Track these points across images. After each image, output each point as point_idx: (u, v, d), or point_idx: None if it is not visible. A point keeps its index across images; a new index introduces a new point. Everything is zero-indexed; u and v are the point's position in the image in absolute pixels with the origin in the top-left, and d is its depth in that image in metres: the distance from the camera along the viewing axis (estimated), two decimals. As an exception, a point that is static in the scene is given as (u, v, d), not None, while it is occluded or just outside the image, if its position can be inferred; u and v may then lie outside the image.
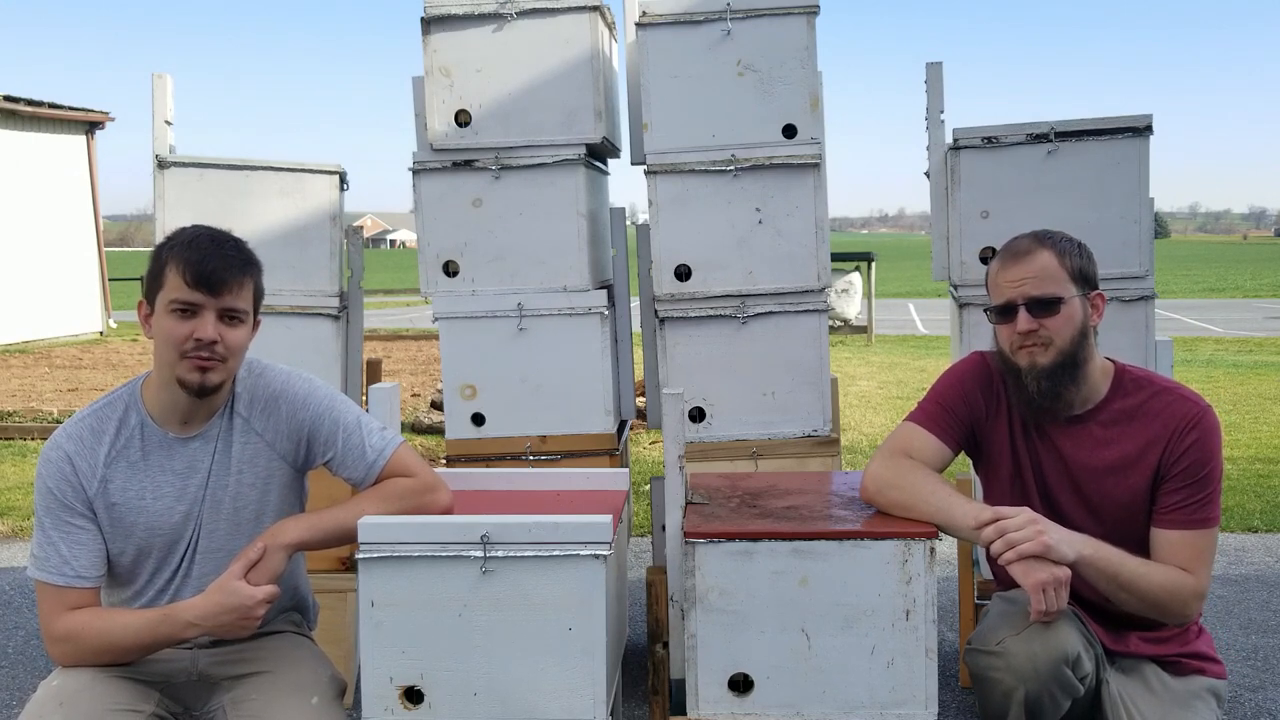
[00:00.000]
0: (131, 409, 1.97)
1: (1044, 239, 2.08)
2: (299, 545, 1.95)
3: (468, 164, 3.02)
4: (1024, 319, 2.04)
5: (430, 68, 3.01)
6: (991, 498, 2.17)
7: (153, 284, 1.91)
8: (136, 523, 1.94)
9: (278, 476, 2.02)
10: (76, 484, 1.92)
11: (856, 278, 14.17)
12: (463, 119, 3.02)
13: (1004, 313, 2.07)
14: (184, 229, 1.95)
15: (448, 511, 2.04)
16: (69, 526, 1.92)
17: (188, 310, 1.87)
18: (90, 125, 16.98)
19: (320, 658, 2.07)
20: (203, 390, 1.91)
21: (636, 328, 3.22)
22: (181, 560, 1.97)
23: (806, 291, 2.99)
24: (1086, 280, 2.07)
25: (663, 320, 3.00)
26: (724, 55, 2.95)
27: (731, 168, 2.96)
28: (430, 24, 2.99)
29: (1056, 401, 2.06)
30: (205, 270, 1.86)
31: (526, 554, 1.87)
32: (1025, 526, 1.87)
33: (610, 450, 3.04)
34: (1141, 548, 2.02)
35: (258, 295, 1.97)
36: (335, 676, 2.01)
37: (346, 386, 3.18)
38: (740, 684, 1.94)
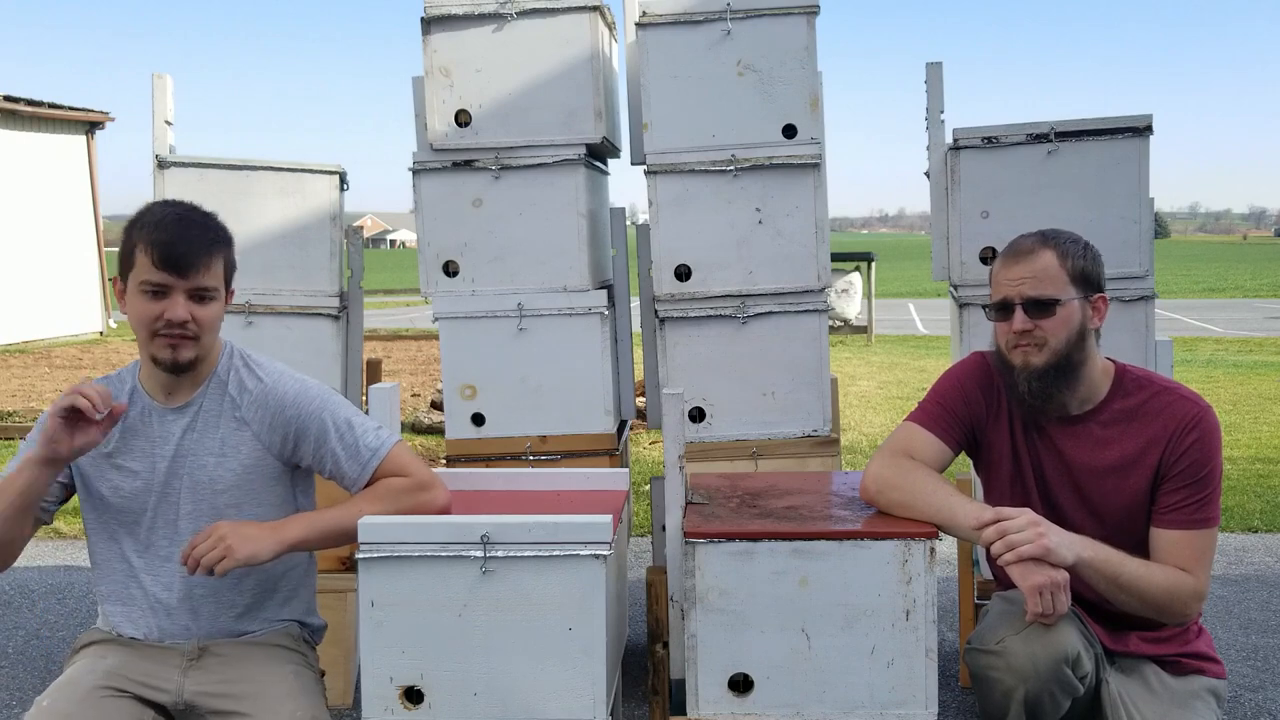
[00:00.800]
0: (130, 377, 2.04)
1: (1049, 239, 2.07)
2: (298, 543, 1.94)
3: (468, 164, 3.02)
4: (1019, 318, 2.04)
5: (430, 68, 3.01)
6: (992, 498, 2.17)
7: (124, 263, 1.94)
8: (104, 478, 1.98)
9: (261, 469, 2.02)
10: None
11: (856, 278, 14.17)
12: (463, 119, 3.02)
13: (1001, 310, 2.08)
14: (152, 207, 1.97)
15: (445, 511, 2.04)
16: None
17: (158, 291, 1.90)
18: (90, 125, 16.98)
19: (306, 692, 1.98)
20: (176, 367, 1.95)
21: (636, 328, 3.22)
22: (152, 533, 1.98)
23: (806, 291, 2.99)
24: (1088, 283, 2.06)
25: (663, 320, 3.00)
26: (724, 55, 2.95)
27: (731, 168, 2.96)
28: (430, 24, 2.99)
29: (1048, 402, 2.06)
30: (173, 252, 1.88)
31: (526, 554, 1.87)
32: (1026, 528, 1.87)
33: (610, 450, 3.04)
34: (1141, 547, 2.02)
35: (228, 269, 1.99)
36: (317, 716, 1.94)
37: (346, 386, 3.18)
38: (740, 684, 1.94)
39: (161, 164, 3.07)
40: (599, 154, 3.25)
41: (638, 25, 2.97)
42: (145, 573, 1.99)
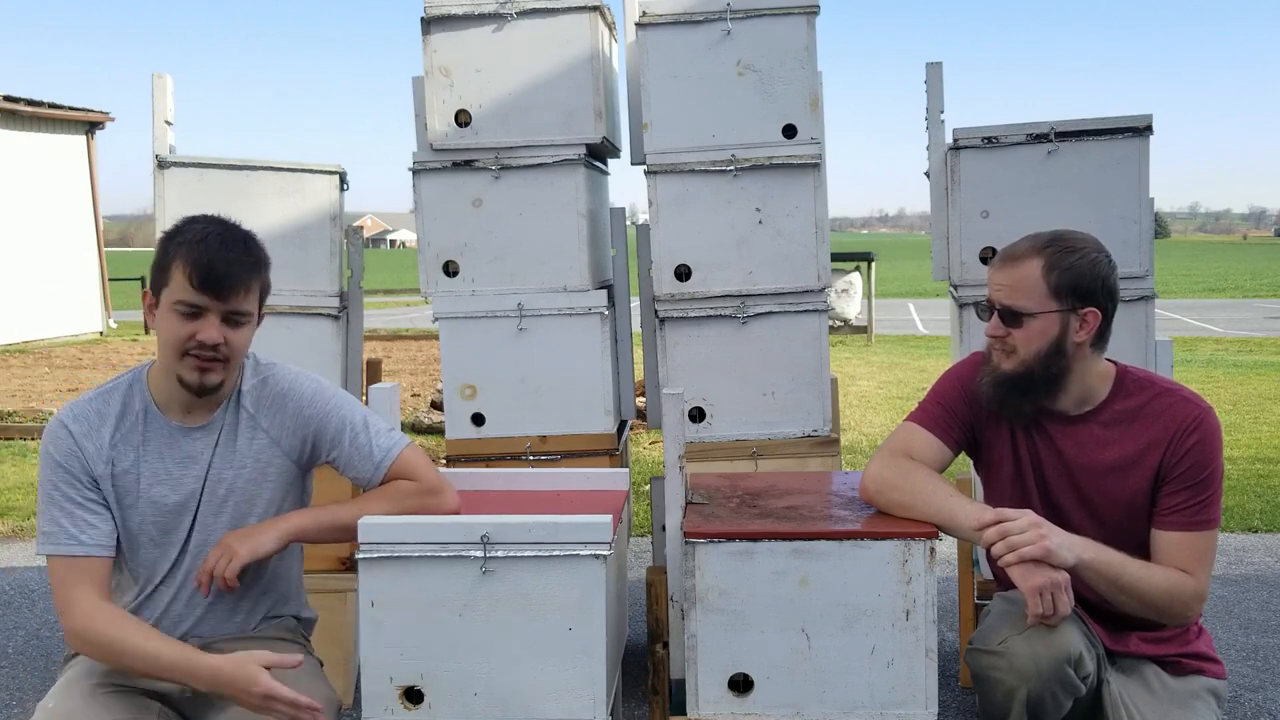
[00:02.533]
0: (136, 394, 1.97)
1: (1043, 247, 2.03)
2: (297, 533, 1.95)
3: (468, 164, 3.02)
4: (994, 322, 2.05)
5: (430, 68, 3.01)
6: (992, 498, 2.17)
7: (159, 277, 1.89)
8: (133, 507, 1.94)
9: (276, 473, 2.02)
10: (83, 461, 1.91)
11: (856, 278, 14.16)
12: (463, 119, 3.02)
13: (985, 309, 2.09)
14: (194, 221, 1.92)
15: (454, 514, 2.04)
16: (78, 499, 1.90)
17: (192, 312, 1.86)
18: (90, 125, 16.98)
19: (315, 676, 2.01)
20: (202, 390, 1.91)
21: (636, 328, 3.22)
22: (178, 554, 1.97)
23: (806, 291, 2.99)
24: (1077, 295, 2.01)
25: (663, 320, 3.00)
26: (724, 55, 2.95)
27: (731, 168, 2.96)
28: (430, 24, 2.99)
29: (1003, 407, 2.07)
30: (213, 274, 1.85)
31: (526, 554, 1.87)
32: (1027, 529, 1.87)
33: (610, 450, 3.04)
34: (1141, 548, 2.02)
35: (264, 293, 1.97)
36: (330, 698, 1.96)
37: (346, 386, 3.18)
38: (740, 684, 1.94)
39: (161, 164, 3.06)
40: (599, 154, 3.25)
41: (638, 25, 2.97)
42: (165, 587, 1.99)
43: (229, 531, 1.93)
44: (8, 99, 14.99)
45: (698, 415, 3.01)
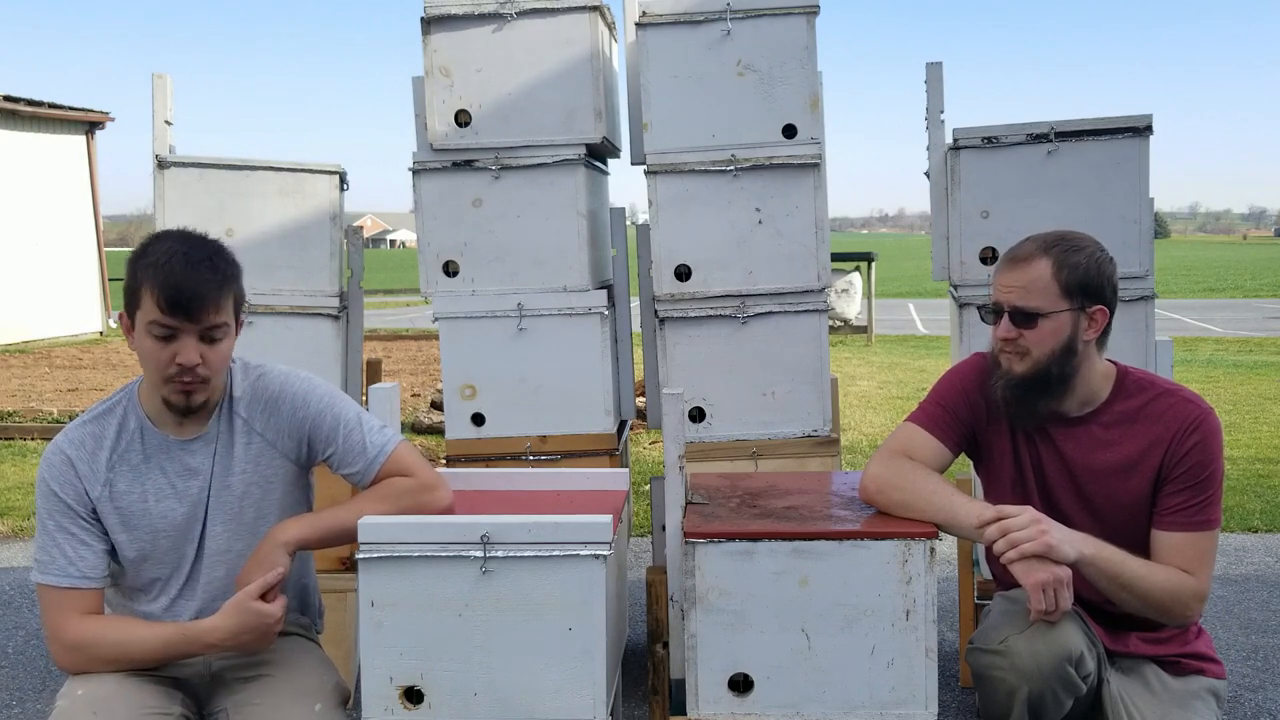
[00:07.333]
0: (130, 413, 1.97)
1: (1050, 247, 2.03)
2: (299, 543, 1.95)
3: (468, 164, 3.02)
4: (1005, 325, 2.04)
5: (430, 68, 3.01)
6: (992, 498, 2.16)
7: (130, 300, 1.87)
8: (140, 525, 1.94)
9: (281, 476, 2.02)
10: (80, 488, 1.92)
11: (856, 278, 14.16)
12: (463, 119, 3.02)
13: (993, 313, 2.08)
14: (159, 240, 1.90)
15: (448, 511, 2.04)
16: (73, 529, 1.92)
17: (168, 334, 1.84)
18: (90, 125, 16.97)
19: (325, 663, 2.06)
20: (188, 411, 1.91)
21: (636, 328, 3.22)
22: (192, 565, 1.98)
23: (806, 291, 2.99)
24: (1087, 294, 2.02)
25: (663, 320, 3.00)
26: (724, 55, 2.95)
27: (731, 168, 2.96)
28: (430, 24, 2.99)
29: (1021, 409, 2.06)
30: (182, 296, 1.82)
31: (526, 554, 1.87)
32: (1028, 526, 1.87)
33: (610, 450, 3.04)
34: (1142, 549, 2.02)
35: (238, 302, 1.93)
36: (339, 684, 2.01)
37: (346, 386, 3.18)
38: (740, 684, 1.94)
39: (161, 164, 3.06)
40: (599, 154, 3.25)
41: (638, 25, 2.97)
42: (180, 599, 1.99)
43: (247, 564, 1.92)
44: (8, 99, 14.98)
45: (698, 415, 3.01)
